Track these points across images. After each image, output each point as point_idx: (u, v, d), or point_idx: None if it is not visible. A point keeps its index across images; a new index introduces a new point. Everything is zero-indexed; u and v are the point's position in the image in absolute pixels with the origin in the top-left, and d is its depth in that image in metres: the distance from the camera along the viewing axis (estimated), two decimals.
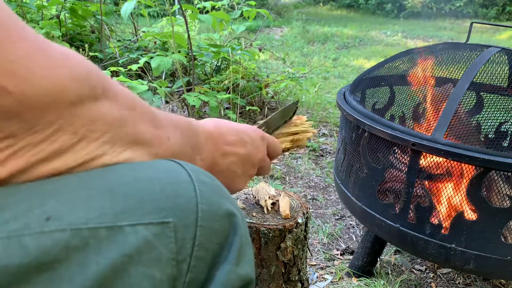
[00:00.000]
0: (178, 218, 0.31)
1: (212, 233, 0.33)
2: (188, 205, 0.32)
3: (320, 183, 1.92)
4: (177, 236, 0.30)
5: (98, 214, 0.28)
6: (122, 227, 0.28)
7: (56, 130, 0.29)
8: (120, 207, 0.29)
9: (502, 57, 1.11)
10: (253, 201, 0.93)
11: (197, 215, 0.32)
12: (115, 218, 0.28)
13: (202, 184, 0.34)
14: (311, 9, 11.48)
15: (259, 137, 0.57)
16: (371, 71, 1.33)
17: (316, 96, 3.13)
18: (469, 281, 1.29)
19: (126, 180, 0.31)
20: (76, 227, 0.26)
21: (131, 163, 0.34)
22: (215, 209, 0.34)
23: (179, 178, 0.34)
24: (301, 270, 0.91)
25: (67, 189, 0.29)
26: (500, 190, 0.97)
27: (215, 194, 0.35)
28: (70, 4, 2.49)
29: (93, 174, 0.31)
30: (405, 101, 1.30)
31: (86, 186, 0.30)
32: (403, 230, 1.01)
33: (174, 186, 0.32)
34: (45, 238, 0.25)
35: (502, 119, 1.21)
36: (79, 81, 0.29)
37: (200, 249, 0.32)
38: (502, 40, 7.61)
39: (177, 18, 2.83)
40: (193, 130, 0.46)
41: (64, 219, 0.26)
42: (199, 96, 2.01)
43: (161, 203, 0.30)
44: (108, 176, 0.31)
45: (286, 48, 5.64)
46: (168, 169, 0.34)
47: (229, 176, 0.53)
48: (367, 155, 1.08)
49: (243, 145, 0.54)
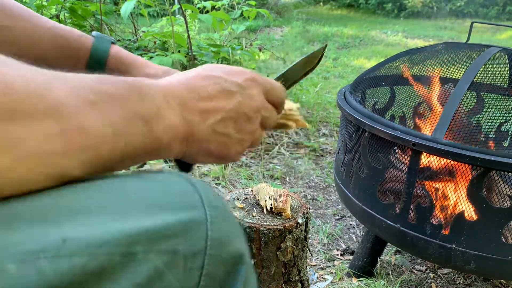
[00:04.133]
0: (187, 246, 0.30)
1: (220, 262, 0.33)
2: (198, 233, 0.32)
3: (320, 183, 1.92)
4: (186, 266, 0.30)
5: (115, 238, 0.27)
6: (135, 254, 0.27)
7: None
8: (134, 233, 0.28)
9: (503, 57, 1.11)
10: (253, 201, 0.93)
11: (206, 243, 0.32)
12: (130, 244, 0.27)
13: (213, 209, 0.34)
14: (311, 9, 11.47)
15: (250, 81, 0.45)
16: (371, 71, 1.33)
17: (316, 96, 3.13)
18: (469, 281, 1.28)
19: (139, 205, 0.30)
20: (93, 251, 0.26)
21: (143, 183, 0.33)
22: (223, 237, 0.33)
23: (191, 202, 0.33)
24: (301, 270, 0.90)
25: (82, 208, 0.28)
26: (501, 190, 0.97)
27: (225, 221, 0.35)
28: (70, 4, 2.49)
29: (105, 196, 0.30)
30: (406, 101, 1.30)
31: (100, 206, 0.29)
32: (404, 230, 1.01)
33: (186, 212, 0.32)
34: (62, 262, 0.24)
35: (502, 119, 1.21)
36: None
37: (206, 278, 0.32)
38: (503, 40, 7.61)
39: (177, 18, 2.83)
40: (142, 95, 0.35)
41: (81, 241, 0.26)
42: None
43: (172, 230, 0.30)
44: (120, 197, 0.30)
45: (286, 48, 5.63)
46: (180, 192, 0.34)
47: (219, 141, 0.42)
48: (367, 155, 1.08)
49: (228, 96, 0.42)
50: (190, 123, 0.39)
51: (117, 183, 0.32)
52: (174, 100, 0.38)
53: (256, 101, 0.44)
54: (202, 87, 0.40)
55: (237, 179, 1.85)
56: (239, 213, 0.87)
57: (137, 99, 0.34)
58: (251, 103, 0.44)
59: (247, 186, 1.77)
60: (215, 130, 0.41)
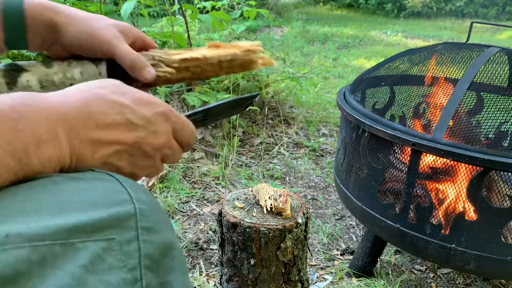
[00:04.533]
0: (121, 235, 0.34)
1: (154, 245, 0.36)
2: (129, 223, 0.35)
3: (320, 183, 1.92)
4: (122, 249, 0.33)
5: (53, 231, 0.30)
6: (73, 243, 0.31)
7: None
8: (70, 225, 0.31)
9: (502, 57, 1.11)
10: (253, 201, 0.93)
11: (138, 232, 0.35)
12: (68, 236, 0.31)
13: (142, 203, 0.36)
14: (311, 9, 11.48)
15: (160, 116, 0.41)
16: (371, 71, 1.33)
17: (316, 96, 3.13)
18: (469, 281, 1.29)
19: (74, 203, 0.33)
20: (34, 244, 0.29)
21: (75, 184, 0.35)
22: (153, 225, 0.37)
23: (120, 198, 0.36)
24: (301, 270, 0.91)
25: (19, 210, 0.31)
26: (500, 190, 0.97)
27: (153, 213, 0.38)
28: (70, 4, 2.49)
29: (40, 197, 0.33)
30: (405, 101, 1.30)
31: (37, 209, 0.31)
32: (403, 230, 1.01)
33: (116, 207, 0.35)
34: (7, 254, 0.27)
35: (502, 119, 1.21)
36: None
37: (146, 258, 0.35)
38: (502, 40, 7.61)
39: (177, 18, 2.83)
40: (18, 128, 0.31)
41: (22, 235, 0.29)
42: (199, 96, 2.01)
43: (105, 223, 0.33)
44: (55, 198, 0.33)
45: (286, 48, 5.63)
46: (111, 190, 0.36)
47: (108, 170, 0.39)
48: (367, 155, 1.08)
49: (130, 129, 0.38)
50: (78, 155, 0.36)
51: (51, 185, 0.34)
52: (64, 128, 0.34)
53: (160, 139, 0.41)
54: (103, 114, 0.37)
55: (237, 179, 1.85)
56: (239, 213, 0.87)
57: (9, 132, 0.31)
58: (153, 141, 0.40)
59: (247, 186, 1.77)
60: (105, 163, 0.38)
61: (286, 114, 2.67)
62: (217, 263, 1.29)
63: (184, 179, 1.80)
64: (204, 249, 1.36)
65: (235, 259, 0.87)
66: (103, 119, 0.37)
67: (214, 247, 1.37)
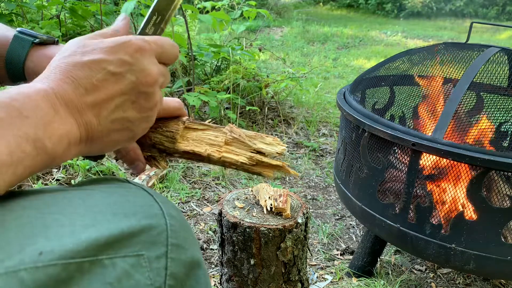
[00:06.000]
0: (150, 251, 0.34)
1: (181, 264, 0.36)
2: (160, 239, 0.35)
3: (320, 183, 1.92)
4: (151, 266, 0.33)
5: (84, 247, 0.30)
6: (102, 260, 0.31)
7: None
8: (102, 240, 0.31)
9: (502, 57, 1.11)
10: (253, 201, 0.93)
11: (167, 248, 0.35)
12: (97, 252, 0.30)
13: (172, 219, 0.37)
14: (311, 9, 11.47)
15: (137, 53, 0.39)
16: (371, 71, 1.33)
17: (316, 96, 3.13)
18: (469, 281, 1.29)
19: (106, 217, 0.33)
20: (66, 261, 0.29)
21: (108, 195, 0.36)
22: (182, 243, 0.37)
23: (152, 212, 0.36)
24: (301, 270, 0.91)
25: (54, 223, 0.31)
26: (500, 190, 0.97)
27: (183, 230, 0.38)
28: (70, 4, 2.49)
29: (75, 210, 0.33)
30: (405, 101, 1.30)
31: (71, 221, 0.32)
32: (403, 230, 1.01)
33: (148, 220, 0.35)
34: (39, 272, 0.27)
35: (502, 119, 1.21)
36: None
37: (171, 277, 0.35)
38: (502, 40, 7.61)
39: (177, 18, 2.83)
40: (24, 114, 0.32)
41: (55, 253, 0.29)
42: (199, 96, 2.01)
43: (136, 237, 0.33)
44: (88, 208, 0.34)
45: (286, 48, 5.64)
46: (143, 202, 0.37)
47: (121, 129, 0.39)
48: (367, 155, 1.08)
49: (118, 79, 0.38)
50: (85, 125, 0.36)
51: (85, 196, 0.35)
52: (61, 105, 0.35)
53: (151, 74, 0.39)
54: (85, 78, 0.36)
55: (237, 179, 1.85)
56: (239, 213, 0.87)
57: (17, 119, 0.31)
58: (145, 79, 0.39)
59: (247, 186, 1.77)
60: (114, 120, 0.38)
61: (286, 114, 2.67)
62: (217, 263, 1.29)
63: (184, 179, 1.80)
64: (204, 249, 1.36)
65: (235, 259, 0.87)
66: (88, 82, 0.36)
67: (214, 247, 1.37)
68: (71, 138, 0.35)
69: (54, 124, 0.34)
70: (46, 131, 0.33)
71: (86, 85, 0.36)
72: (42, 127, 0.32)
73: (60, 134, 0.34)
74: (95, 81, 0.36)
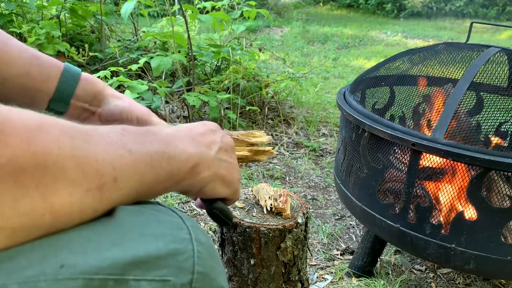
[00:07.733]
0: (176, 277, 0.33)
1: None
2: (186, 265, 0.35)
3: (320, 183, 1.92)
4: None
5: (109, 264, 0.29)
6: (128, 281, 0.30)
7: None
8: (128, 260, 0.31)
9: (502, 57, 1.11)
10: (253, 201, 0.93)
11: (193, 276, 0.35)
12: (123, 271, 0.30)
13: (200, 245, 0.37)
14: (311, 9, 11.47)
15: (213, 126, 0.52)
16: (371, 71, 1.33)
17: (316, 96, 3.13)
18: (469, 281, 1.29)
19: (134, 236, 0.33)
20: (88, 276, 0.28)
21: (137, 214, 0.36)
22: (208, 272, 0.36)
23: (181, 236, 0.36)
24: (301, 270, 0.91)
25: (80, 238, 0.31)
26: (500, 190, 0.97)
27: (210, 257, 0.38)
28: (70, 4, 2.49)
29: (103, 227, 0.33)
30: (405, 101, 1.30)
31: (98, 238, 0.31)
32: (403, 230, 1.01)
33: (176, 244, 0.35)
34: (59, 285, 0.27)
35: (502, 119, 1.21)
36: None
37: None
38: (502, 40, 7.61)
39: (177, 18, 2.83)
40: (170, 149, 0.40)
41: (77, 267, 0.28)
42: (199, 96, 2.01)
43: (163, 261, 0.33)
44: (116, 227, 0.33)
45: (286, 48, 5.64)
46: (171, 225, 0.37)
47: (225, 166, 0.49)
48: (367, 155, 1.08)
49: (215, 132, 0.49)
50: (201, 153, 0.45)
51: (116, 223, 0.35)
52: (186, 137, 0.44)
53: (228, 139, 0.51)
54: (195, 129, 0.47)
55: None
56: (239, 213, 0.87)
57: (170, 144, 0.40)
58: (226, 140, 0.50)
59: (247, 186, 1.77)
60: (220, 158, 0.48)
61: (286, 114, 2.67)
62: None
63: None
64: None
65: (235, 259, 0.87)
66: (199, 131, 0.47)
67: (214, 247, 1.37)
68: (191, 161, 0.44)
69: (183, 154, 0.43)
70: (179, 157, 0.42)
71: (199, 131, 0.48)
72: (179, 153, 0.42)
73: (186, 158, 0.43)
74: (202, 131, 0.49)
